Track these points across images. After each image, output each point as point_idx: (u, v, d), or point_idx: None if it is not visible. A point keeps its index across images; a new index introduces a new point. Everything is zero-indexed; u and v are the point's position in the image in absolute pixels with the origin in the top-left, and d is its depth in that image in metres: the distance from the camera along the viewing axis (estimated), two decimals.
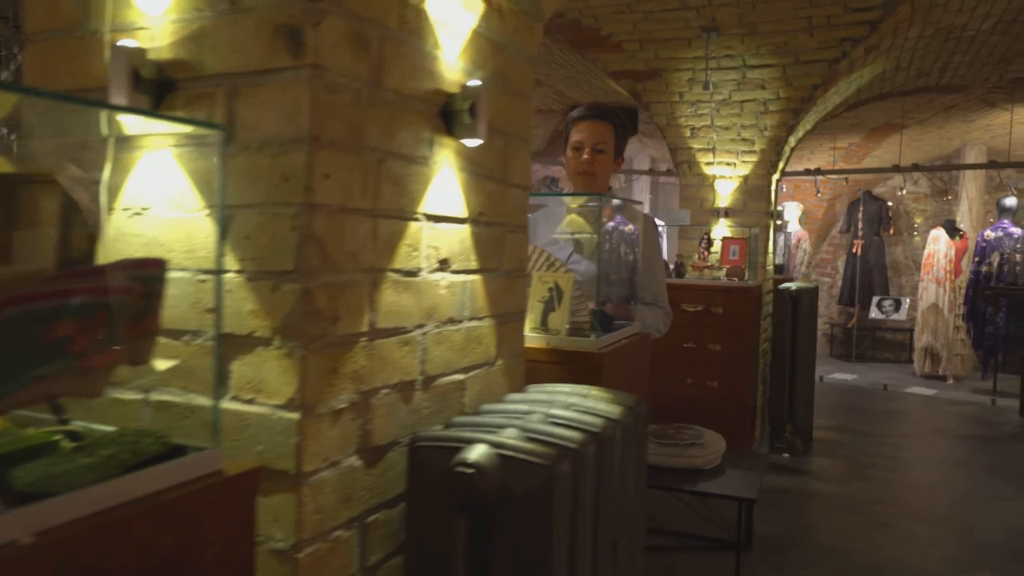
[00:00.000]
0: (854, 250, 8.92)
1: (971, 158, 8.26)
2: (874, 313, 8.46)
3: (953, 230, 7.94)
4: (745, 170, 4.78)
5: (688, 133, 4.80)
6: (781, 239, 8.86)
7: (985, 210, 8.51)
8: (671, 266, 4.76)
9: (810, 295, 5.08)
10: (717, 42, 4.24)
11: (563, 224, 2.44)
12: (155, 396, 1.02)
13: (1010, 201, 7.53)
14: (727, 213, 4.84)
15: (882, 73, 5.11)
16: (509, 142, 1.42)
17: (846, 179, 8.23)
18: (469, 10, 1.24)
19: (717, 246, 4.78)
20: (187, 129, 0.98)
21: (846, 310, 9.23)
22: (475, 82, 1.19)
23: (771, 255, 5.14)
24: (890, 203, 9.12)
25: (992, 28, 4.52)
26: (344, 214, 0.99)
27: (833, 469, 4.70)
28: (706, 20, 4.11)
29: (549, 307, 1.76)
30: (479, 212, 1.33)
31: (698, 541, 3.29)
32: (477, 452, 0.96)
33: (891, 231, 9.05)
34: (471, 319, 1.33)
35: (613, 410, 1.22)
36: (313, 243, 0.94)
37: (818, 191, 8.07)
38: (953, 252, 7.81)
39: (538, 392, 1.33)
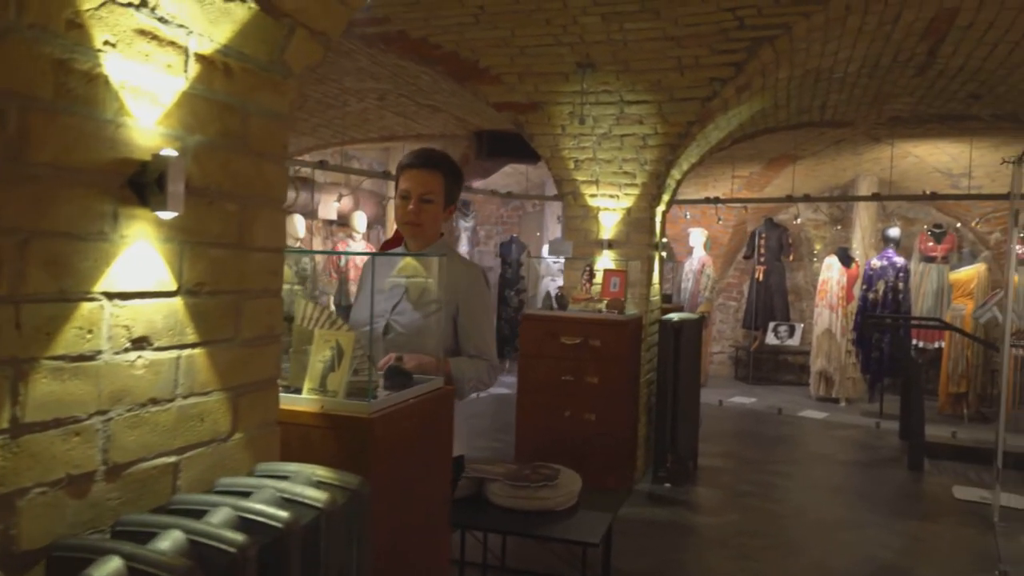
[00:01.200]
0: (756, 276, 9.16)
1: (864, 189, 8.59)
2: (770, 338, 8.70)
3: (847, 258, 8.24)
4: (628, 202, 4.83)
5: (572, 165, 4.83)
6: (684, 267, 9.04)
7: (877, 238, 8.86)
8: (553, 296, 4.77)
9: (692, 326, 5.17)
10: (593, 77, 4.29)
11: (396, 270, 2.39)
12: None
13: (893, 232, 7.87)
14: (611, 245, 4.88)
15: (762, 110, 5.26)
16: (247, 205, 1.35)
17: (745, 207, 8.45)
18: (174, 73, 1.17)
19: (600, 277, 4.81)
20: None
21: (751, 333, 9.47)
22: (168, 151, 1.12)
23: (656, 286, 5.20)
24: (790, 230, 9.41)
25: (858, 71, 4.71)
26: None
27: (711, 499, 4.76)
28: (580, 56, 4.15)
29: (330, 367, 1.69)
30: (198, 283, 1.25)
31: None
32: (105, 568, 0.88)
33: (791, 257, 9.34)
34: (189, 395, 1.25)
35: (319, 497, 1.15)
36: None
37: (719, 218, 8.26)
38: (845, 279, 8.10)
39: (260, 475, 1.26)
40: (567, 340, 4.43)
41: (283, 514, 1.07)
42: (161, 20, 1.13)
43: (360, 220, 7.08)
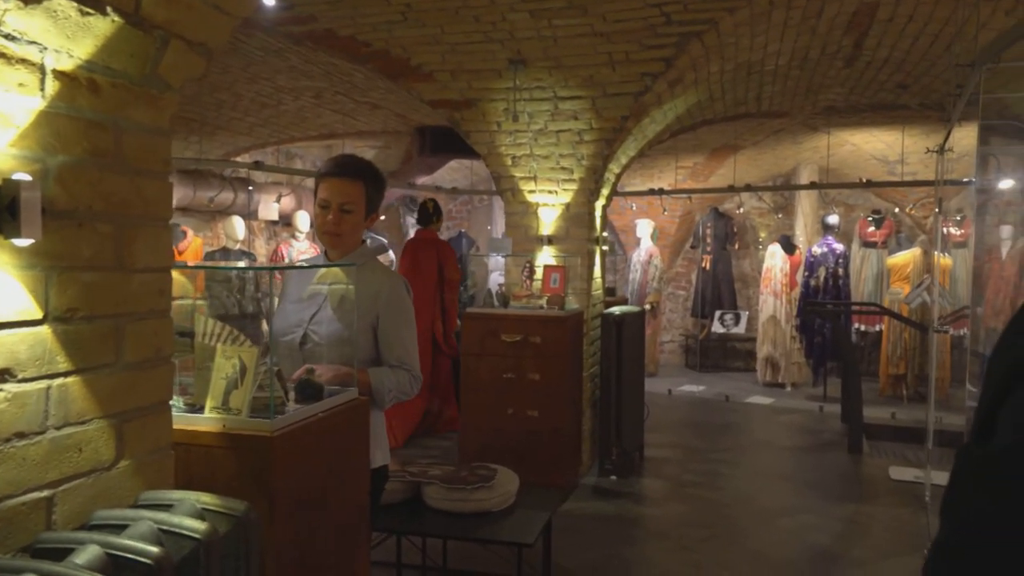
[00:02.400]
0: (704, 265, 9.29)
1: (805, 177, 8.77)
2: (716, 327, 8.82)
3: (789, 245, 8.41)
4: (567, 198, 4.84)
5: (509, 161, 4.82)
6: (632, 258, 9.11)
7: (820, 225, 9.04)
8: (495, 294, 4.76)
9: (635, 318, 5.21)
10: (526, 74, 4.27)
11: (316, 278, 2.34)
12: None
13: (832, 219, 8.04)
14: (551, 240, 4.88)
15: (698, 102, 5.31)
16: (125, 225, 1.30)
17: (690, 197, 8.55)
18: (28, 92, 1.12)
19: (540, 274, 4.81)
20: None
21: (700, 322, 9.60)
22: (20, 175, 1.07)
23: (598, 280, 5.23)
24: (735, 219, 9.55)
25: (788, 64, 4.78)
26: None
27: (655, 490, 4.82)
28: (512, 52, 4.13)
29: (232, 384, 1.65)
30: (69, 308, 1.20)
31: None
32: None
33: (736, 246, 9.48)
34: (64, 426, 1.20)
35: (198, 528, 1.12)
36: None
37: (665, 209, 8.34)
38: (788, 266, 8.26)
39: (142, 506, 1.22)
40: (508, 338, 4.42)
41: (153, 550, 1.03)
42: (8, 37, 1.08)
43: (303, 219, 6.95)
